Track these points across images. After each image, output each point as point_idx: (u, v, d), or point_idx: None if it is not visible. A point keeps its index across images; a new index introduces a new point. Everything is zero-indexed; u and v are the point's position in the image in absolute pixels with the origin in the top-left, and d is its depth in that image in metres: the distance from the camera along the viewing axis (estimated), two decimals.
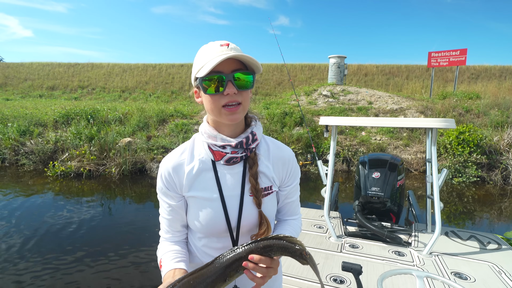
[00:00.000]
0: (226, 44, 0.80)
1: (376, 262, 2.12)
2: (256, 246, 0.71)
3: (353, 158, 7.79)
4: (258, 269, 0.70)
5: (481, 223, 4.85)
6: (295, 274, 1.93)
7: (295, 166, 0.96)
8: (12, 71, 20.76)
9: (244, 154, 0.87)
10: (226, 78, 0.78)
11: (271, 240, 0.72)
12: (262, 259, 0.69)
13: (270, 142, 0.95)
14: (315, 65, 19.43)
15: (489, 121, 8.37)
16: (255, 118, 0.94)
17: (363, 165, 3.03)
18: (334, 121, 2.57)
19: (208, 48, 0.81)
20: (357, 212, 2.75)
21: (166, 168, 0.89)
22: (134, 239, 3.90)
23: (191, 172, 0.88)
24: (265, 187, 0.89)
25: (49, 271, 3.12)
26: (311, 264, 0.74)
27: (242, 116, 0.83)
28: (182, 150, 0.92)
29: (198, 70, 0.81)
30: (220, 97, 0.80)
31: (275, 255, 0.73)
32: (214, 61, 0.76)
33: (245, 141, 0.86)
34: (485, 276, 1.94)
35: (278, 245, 0.72)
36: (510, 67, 17.07)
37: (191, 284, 0.69)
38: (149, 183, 6.59)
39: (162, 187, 0.91)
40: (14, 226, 4.20)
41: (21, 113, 9.31)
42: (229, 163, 0.87)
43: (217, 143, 0.86)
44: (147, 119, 8.84)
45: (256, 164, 0.88)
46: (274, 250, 0.72)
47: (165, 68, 20.38)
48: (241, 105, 0.81)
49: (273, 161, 0.92)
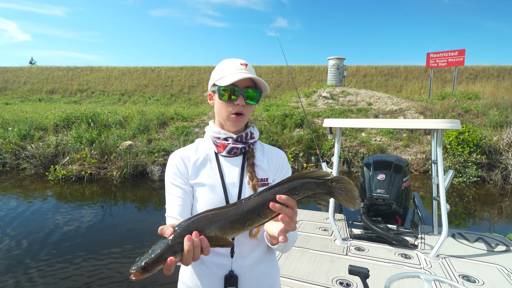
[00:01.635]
0: (245, 64, 0.98)
1: (382, 265, 2.09)
2: (281, 188, 0.69)
3: (354, 159, 7.81)
4: (286, 210, 0.69)
5: (482, 223, 4.87)
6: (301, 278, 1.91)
7: (286, 163, 1.09)
8: (11, 75, 20.76)
9: (243, 147, 1.00)
10: (239, 91, 0.95)
11: (294, 180, 0.70)
12: (289, 198, 0.68)
13: (265, 145, 1.11)
14: (314, 67, 19.50)
15: (488, 121, 8.41)
16: (253, 124, 1.11)
17: (368, 167, 3.00)
18: (338, 123, 2.53)
19: (230, 63, 0.99)
20: (363, 214, 2.71)
21: (177, 157, 1.01)
22: (136, 242, 3.90)
23: (197, 162, 1.00)
24: (262, 178, 1.00)
25: (51, 274, 3.13)
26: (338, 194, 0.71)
27: (243, 124, 1.01)
28: (188, 146, 1.06)
29: (218, 79, 0.97)
30: (231, 105, 0.96)
31: (298, 196, 0.70)
32: (235, 77, 0.93)
33: (244, 135, 1.01)
34: (493, 279, 1.90)
35: (302, 184, 0.70)
36: (508, 67, 17.16)
37: (209, 218, 0.67)
38: (150, 186, 6.60)
39: (175, 171, 0.98)
40: (16, 230, 4.20)
41: (21, 117, 9.31)
42: (230, 154, 1.00)
43: (221, 136, 1.00)
44: (147, 122, 8.85)
45: (253, 157, 1.02)
46: (298, 190, 0.70)
47: (164, 71, 20.42)
48: (245, 116, 0.98)
49: (268, 157, 1.06)
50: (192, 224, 0.65)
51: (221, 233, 0.67)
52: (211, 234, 0.66)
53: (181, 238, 0.62)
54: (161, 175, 7.17)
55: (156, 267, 0.61)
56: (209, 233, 0.66)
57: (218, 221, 0.67)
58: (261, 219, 0.69)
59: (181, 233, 0.63)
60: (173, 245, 0.62)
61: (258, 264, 0.98)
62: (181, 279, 1.02)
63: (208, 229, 0.66)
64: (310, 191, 0.71)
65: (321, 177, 0.72)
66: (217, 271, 0.94)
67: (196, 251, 0.63)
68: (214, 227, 0.66)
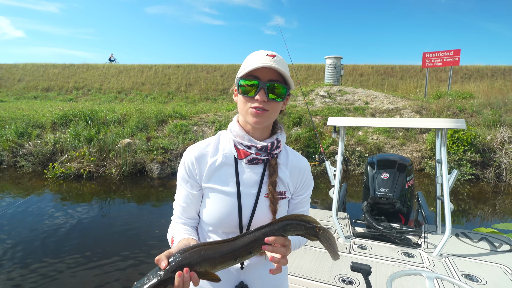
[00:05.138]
0: (272, 55, 0.86)
1: (385, 263, 2.09)
2: (271, 228, 0.77)
3: (351, 157, 7.91)
4: (277, 250, 0.75)
5: (475, 220, 4.98)
6: (304, 275, 1.92)
7: (309, 177, 1.01)
8: (6, 72, 20.51)
9: (267, 158, 0.92)
10: (260, 85, 0.84)
11: (285, 221, 0.78)
12: (277, 239, 0.75)
13: (289, 151, 1.01)
14: (311, 66, 19.57)
15: (482, 120, 8.57)
16: (281, 128, 1.00)
17: (372, 165, 3.00)
18: (343, 122, 2.52)
19: (256, 54, 0.88)
20: (366, 213, 2.71)
21: (190, 157, 0.93)
22: (134, 240, 3.92)
23: (214, 164, 0.92)
24: (280, 191, 0.93)
25: (49, 272, 3.12)
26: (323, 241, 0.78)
27: (266, 122, 0.88)
28: (207, 143, 0.97)
29: (241, 71, 0.88)
30: (250, 99, 0.86)
31: (288, 234, 0.78)
32: (253, 65, 0.83)
33: (270, 145, 0.91)
34: (496, 279, 1.89)
35: (292, 225, 0.78)
36: (501, 67, 17.41)
37: (201, 253, 0.73)
38: (149, 184, 6.62)
39: (184, 174, 0.94)
40: (14, 228, 4.20)
41: (18, 115, 9.24)
42: (251, 163, 0.92)
43: (244, 143, 0.91)
44: (146, 120, 8.85)
45: (276, 174, 0.92)
46: (288, 230, 0.78)
47: (161, 69, 20.34)
48: (268, 112, 0.86)
49: (291, 169, 0.97)
50: (184, 259, 0.71)
51: (211, 268, 0.73)
52: (201, 270, 0.72)
53: (173, 273, 0.69)
54: (160, 173, 7.20)
55: None
56: (199, 269, 0.72)
57: (210, 258, 0.73)
58: (250, 255, 0.77)
59: (173, 268, 0.70)
60: (165, 279, 0.69)
61: (266, 266, 0.97)
62: None
63: (199, 265, 0.72)
64: (299, 232, 0.79)
65: (310, 222, 0.79)
66: (226, 281, 0.93)
67: (186, 285, 0.69)
68: (205, 263, 0.72)
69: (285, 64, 0.89)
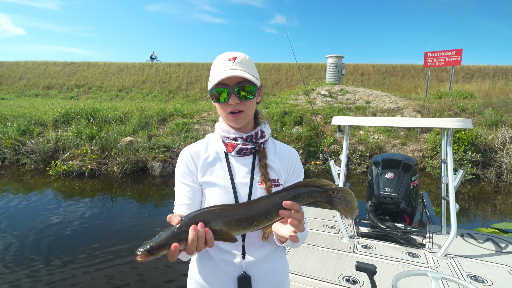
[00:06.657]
0: (233, 58, 0.91)
1: (389, 263, 2.07)
2: (287, 193, 0.75)
3: (352, 156, 7.92)
4: (294, 215, 0.74)
5: (476, 220, 5.00)
6: (308, 274, 1.92)
7: (299, 164, 1.06)
8: (7, 70, 20.52)
9: (253, 147, 0.98)
10: (229, 91, 0.90)
11: (299, 187, 0.76)
12: (294, 203, 0.74)
13: (276, 142, 1.07)
14: (312, 65, 19.56)
15: (483, 120, 8.57)
16: (265, 121, 1.06)
17: (376, 165, 2.98)
18: (348, 121, 2.51)
19: (218, 61, 0.94)
20: (370, 212, 2.69)
21: (186, 154, 0.99)
22: (136, 237, 3.93)
23: (206, 160, 0.98)
24: (273, 179, 0.97)
25: (51, 269, 3.14)
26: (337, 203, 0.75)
27: (245, 121, 0.96)
28: (199, 143, 1.04)
29: (210, 81, 0.94)
30: (225, 105, 0.93)
31: (301, 202, 0.76)
32: (219, 77, 0.89)
33: (254, 135, 0.98)
34: (502, 280, 1.88)
35: (306, 190, 0.76)
36: (503, 67, 17.39)
37: (217, 212, 0.69)
38: (151, 182, 6.65)
39: (184, 169, 0.98)
40: (16, 225, 4.23)
41: (20, 113, 9.27)
42: (240, 154, 0.98)
43: (230, 135, 0.98)
44: (147, 119, 8.87)
45: (265, 157, 0.98)
46: (302, 197, 0.75)
47: (162, 67, 20.34)
48: (244, 112, 0.93)
49: (280, 157, 1.02)
50: (199, 215, 0.68)
51: (226, 229, 0.69)
52: (216, 228, 0.68)
53: (187, 227, 0.65)
54: (162, 171, 7.22)
55: (160, 251, 0.64)
56: (214, 227, 0.68)
57: (225, 216, 0.68)
58: (268, 221, 0.73)
59: (187, 223, 0.66)
60: (178, 233, 0.65)
61: (269, 263, 0.98)
62: (191, 272, 1.03)
63: (214, 222, 0.68)
64: (312, 199, 0.77)
65: (323, 186, 0.77)
66: (228, 271, 0.94)
67: (200, 241, 0.65)
68: (220, 221, 0.68)
69: (248, 61, 0.95)
